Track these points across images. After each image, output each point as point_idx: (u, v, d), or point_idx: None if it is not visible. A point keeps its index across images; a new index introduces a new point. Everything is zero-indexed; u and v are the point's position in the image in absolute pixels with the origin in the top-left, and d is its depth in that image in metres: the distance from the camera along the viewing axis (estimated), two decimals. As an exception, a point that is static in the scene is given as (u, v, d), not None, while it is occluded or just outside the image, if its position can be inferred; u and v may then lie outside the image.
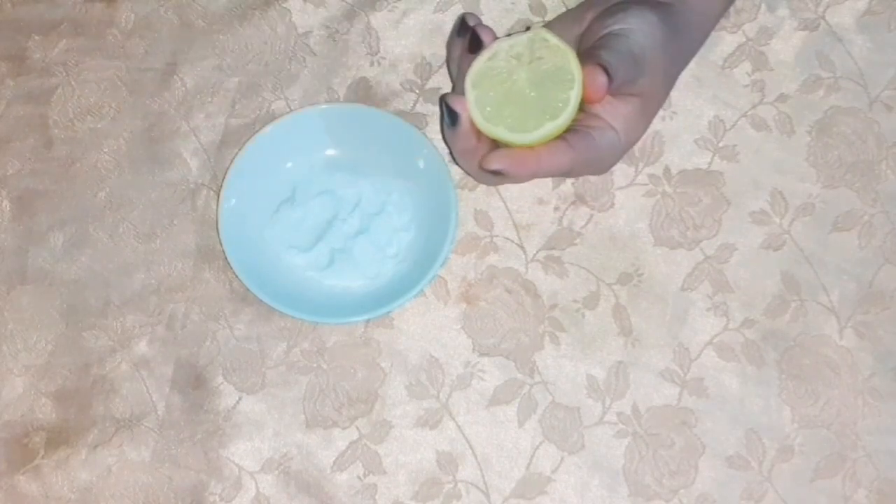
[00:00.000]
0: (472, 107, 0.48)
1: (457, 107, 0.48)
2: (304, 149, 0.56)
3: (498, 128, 0.48)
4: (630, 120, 0.50)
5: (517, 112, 0.48)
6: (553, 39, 0.48)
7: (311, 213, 0.56)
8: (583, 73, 0.47)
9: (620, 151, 0.51)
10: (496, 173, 0.48)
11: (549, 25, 0.53)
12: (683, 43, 0.52)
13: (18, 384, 0.56)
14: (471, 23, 0.49)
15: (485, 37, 0.49)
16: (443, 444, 0.54)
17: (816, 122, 0.57)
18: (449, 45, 0.54)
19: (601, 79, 0.46)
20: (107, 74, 0.59)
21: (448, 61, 0.53)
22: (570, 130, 0.49)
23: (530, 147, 0.48)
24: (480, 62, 0.48)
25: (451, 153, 0.52)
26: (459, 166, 0.53)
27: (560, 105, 0.47)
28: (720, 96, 0.57)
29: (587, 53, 0.48)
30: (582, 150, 0.49)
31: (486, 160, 0.48)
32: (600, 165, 0.52)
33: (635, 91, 0.49)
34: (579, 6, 0.53)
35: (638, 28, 0.49)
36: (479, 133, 0.49)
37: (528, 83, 0.48)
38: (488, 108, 0.48)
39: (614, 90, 0.47)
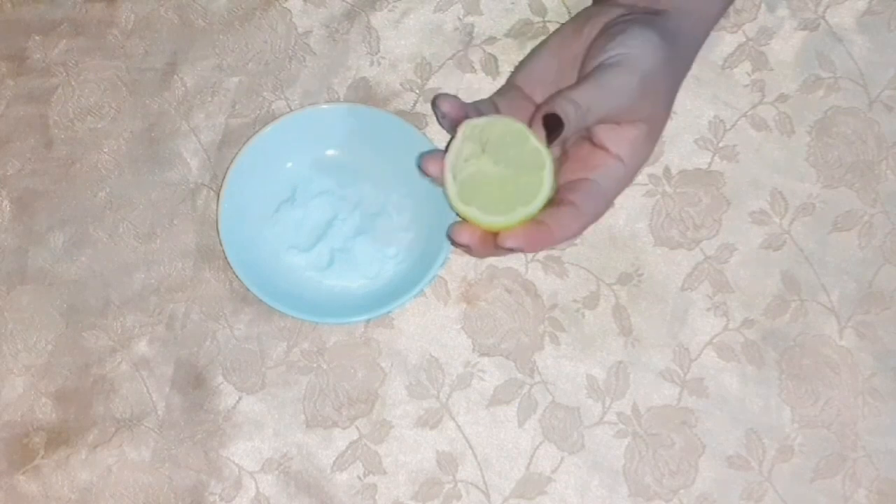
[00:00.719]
0: (453, 195, 0.47)
1: (461, 238, 0.48)
2: (304, 149, 0.56)
3: (470, 208, 0.46)
4: (636, 146, 0.49)
5: (491, 195, 0.47)
6: (514, 125, 0.47)
7: (311, 213, 0.56)
8: (531, 126, 0.46)
9: (627, 180, 0.50)
10: (509, 250, 0.47)
11: (547, 40, 0.52)
12: (683, 53, 0.51)
13: (18, 384, 0.56)
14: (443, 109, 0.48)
15: (451, 111, 0.47)
16: (443, 444, 0.54)
17: (816, 122, 0.57)
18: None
19: (541, 134, 0.46)
20: (107, 74, 0.59)
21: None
22: (573, 189, 0.48)
23: (510, 227, 0.47)
24: (454, 146, 0.47)
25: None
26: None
27: (532, 190, 0.46)
28: (720, 96, 0.57)
29: (562, 92, 0.47)
30: (590, 206, 0.48)
31: (502, 239, 0.47)
32: (611, 203, 0.50)
33: (639, 117, 0.49)
34: (577, 18, 0.52)
35: (640, 53, 0.47)
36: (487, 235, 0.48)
37: (496, 166, 0.47)
38: (463, 191, 0.47)
39: (616, 119, 0.47)
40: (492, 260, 0.56)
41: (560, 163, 0.50)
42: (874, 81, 0.57)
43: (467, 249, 0.48)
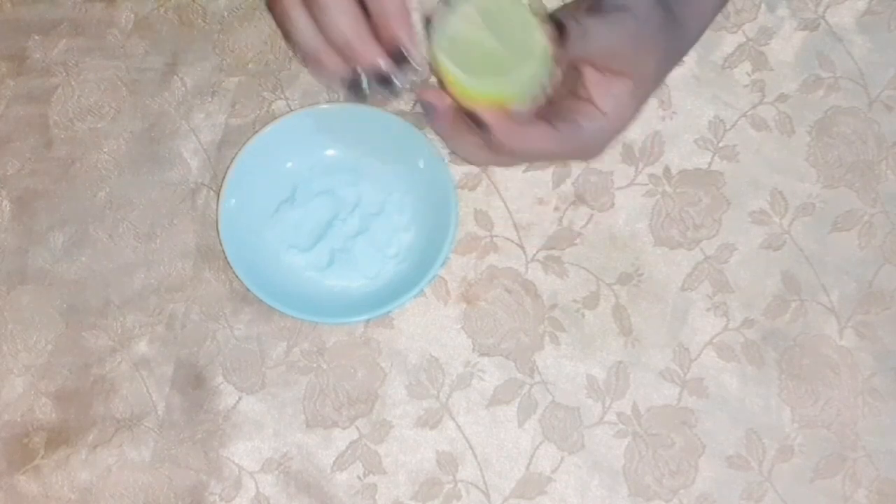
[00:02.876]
0: (448, 66, 0.45)
1: (433, 99, 0.47)
2: (304, 149, 0.56)
3: (449, 63, 0.45)
4: (621, 102, 0.49)
5: (474, 59, 0.45)
6: (524, 11, 0.45)
7: (311, 213, 0.56)
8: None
9: (609, 137, 0.49)
10: (484, 130, 0.46)
11: None
12: (681, 32, 0.51)
13: (18, 384, 0.56)
14: None
15: None
16: (443, 444, 0.54)
17: (816, 122, 0.57)
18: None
19: (552, 32, 0.45)
20: (107, 74, 0.59)
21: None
22: (558, 115, 0.48)
23: (481, 99, 0.46)
24: (444, 23, 0.45)
25: (448, 148, 0.51)
26: (456, 153, 0.51)
27: (521, 68, 0.45)
28: (720, 96, 0.57)
29: (568, 10, 0.46)
30: (568, 136, 0.48)
31: (477, 113, 0.46)
32: (588, 152, 0.50)
33: (627, 69, 0.48)
34: None
35: (636, 4, 0.47)
36: (461, 109, 0.47)
37: (488, 34, 0.45)
38: (464, 65, 0.45)
39: (605, 63, 0.47)
40: (492, 260, 0.56)
41: (545, 107, 0.49)
42: (874, 81, 0.57)
43: (432, 116, 0.47)
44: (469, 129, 0.47)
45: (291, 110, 0.58)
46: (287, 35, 0.47)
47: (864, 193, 0.56)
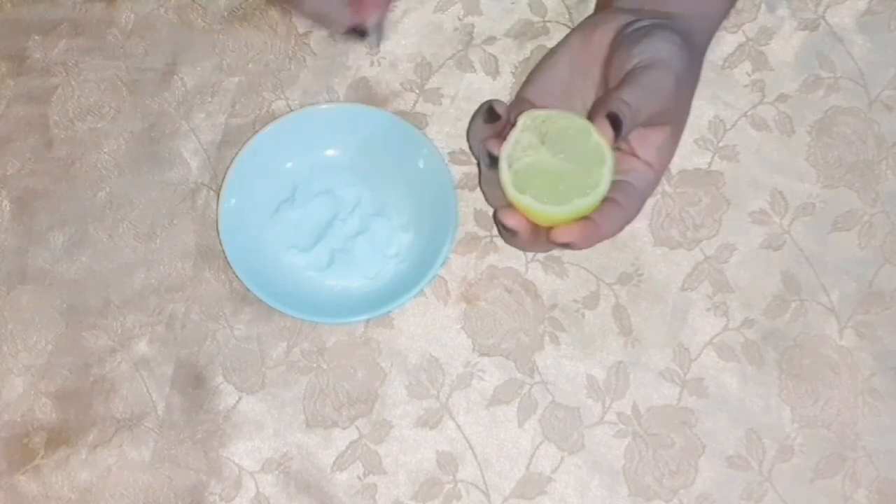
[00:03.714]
0: (507, 182, 0.47)
1: (509, 221, 0.48)
2: (304, 149, 0.56)
3: (524, 196, 0.46)
4: (663, 149, 0.50)
5: (547, 185, 0.47)
6: (578, 120, 0.47)
7: (311, 213, 0.56)
8: (594, 124, 0.46)
9: (656, 183, 0.51)
10: (564, 245, 0.47)
11: (555, 51, 0.52)
12: (698, 56, 0.52)
13: (18, 384, 0.56)
14: (499, 111, 0.49)
15: (502, 111, 0.48)
16: (443, 444, 0.54)
17: (816, 122, 0.57)
18: (473, 129, 0.51)
19: (609, 132, 0.46)
20: (107, 74, 0.59)
21: (471, 143, 0.52)
22: (615, 189, 0.48)
23: (563, 219, 0.47)
24: (513, 134, 0.47)
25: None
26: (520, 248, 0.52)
27: (592, 182, 0.46)
28: (720, 96, 0.57)
29: (611, 93, 0.47)
30: (632, 206, 0.49)
31: (556, 234, 0.47)
32: (643, 205, 0.51)
33: (670, 119, 0.49)
34: (583, 27, 0.52)
35: (669, 55, 0.48)
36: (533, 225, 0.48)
37: (555, 158, 0.47)
38: (518, 179, 0.47)
39: (653, 121, 0.48)
40: (492, 260, 0.56)
41: None
42: (874, 81, 0.57)
43: (513, 237, 0.48)
44: (549, 244, 0.48)
45: (291, 110, 0.58)
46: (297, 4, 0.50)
47: (864, 193, 0.56)
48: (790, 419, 0.54)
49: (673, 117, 0.50)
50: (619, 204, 0.48)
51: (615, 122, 0.46)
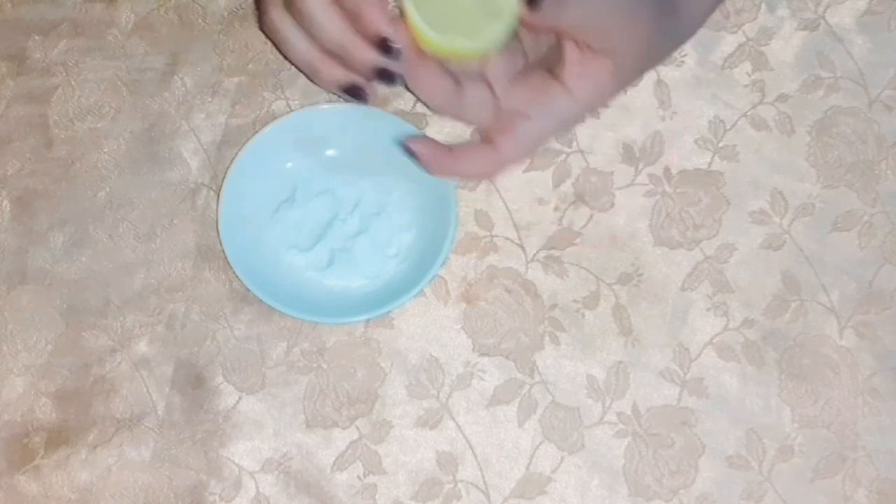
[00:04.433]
0: (417, 21, 0.45)
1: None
2: (304, 149, 0.56)
3: (448, 37, 0.45)
4: (597, 81, 0.46)
5: (440, 13, 0.45)
6: None
7: (311, 213, 0.56)
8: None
9: (573, 119, 0.48)
10: (408, 150, 0.47)
11: None
12: (676, 16, 0.49)
13: (18, 384, 0.56)
14: None
15: None
16: (443, 444, 0.54)
17: (816, 122, 0.57)
18: None
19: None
20: (107, 74, 0.59)
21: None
22: (501, 129, 0.46)
23: (442, 51, 0.46)
24: None
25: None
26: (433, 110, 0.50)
27: (482, 31, 0.45)
28: (720, 96, 0.57)
29: None
30: (512, 152, 0.47)
31: (411, 142, 0.47)
32: (536, 145, 0.48)
33: (610, 47, 0.46)
34: None
35: None
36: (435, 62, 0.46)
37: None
38: (435, 23, 0.45)
39: (587, 36, 0.45)
40: (492, 260, 0.56)
41: (511, 85, 0.48)
42: (874, 81, 0.57)
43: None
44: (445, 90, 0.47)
45: (291, 110, 0.58)
46: (282, 51, 0.48)
47: (864, 193, 0.56)
48: (790, 419, 0.54)
49: (616, 47, 0.46)
50: (495, 145, 0.46)
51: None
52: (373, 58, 0.46)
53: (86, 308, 0.56)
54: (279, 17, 0.48)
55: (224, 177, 0.55)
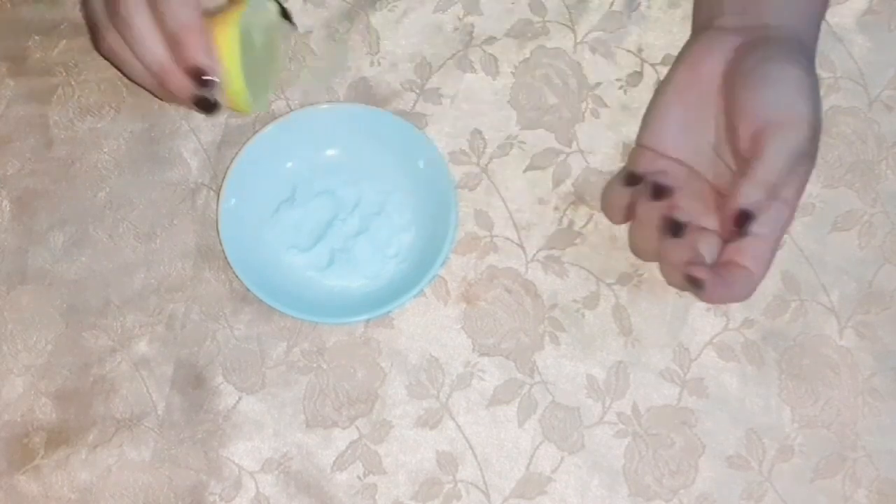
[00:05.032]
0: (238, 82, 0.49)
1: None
2: (304, 149, 0.56)
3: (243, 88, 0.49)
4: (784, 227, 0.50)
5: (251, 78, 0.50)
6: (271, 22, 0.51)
7: (311, 213, 0.56)
8: (722, 217, 0.48)
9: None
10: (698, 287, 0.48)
11: (663, 90, 0.52)
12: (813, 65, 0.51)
13: (18, 384, 0.56)
14: (641, 171, 0.49)
15: (668, 182, 0.48)
16: (443, 444, 0.54)
17: (816, 122, 0.57)
18: (611, 192, 0.52)
19: (732, 233, 0.47)
20: (107, 74, 0.59)
21: (605, 206, 0.53)
22: (738, 253, 0.49)
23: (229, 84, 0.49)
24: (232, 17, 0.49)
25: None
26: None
27: (272, 81, 0.51)
28: (720, 96, 0.57)
29: (759, 164, 0.46)
30: (761, 270, 0.49)
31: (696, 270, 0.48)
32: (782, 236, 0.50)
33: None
34: (688, 57, 0.51)
35: (802, 101, 0.47)
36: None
37: (258, 53, 0.50)
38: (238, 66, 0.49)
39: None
40: (492, 260, 0.56)
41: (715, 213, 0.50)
42: (874, 81, 0.57)
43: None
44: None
45: (291, 110, 0.58)
46: (123, 72, 0.52)
47: (863, 193, 0.56)
48: (790, 419, 0.54)
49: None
50: (752, 247, 0.49)
51: (744, 219, 0.46)
52: (188, 87, 0.48)
53: (86, 308, 0.56)
54: (114, 41, 0.50)
55: (224, 177, 0.55)
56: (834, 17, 0.58)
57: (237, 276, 0.54)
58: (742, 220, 0.46)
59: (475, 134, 0.57)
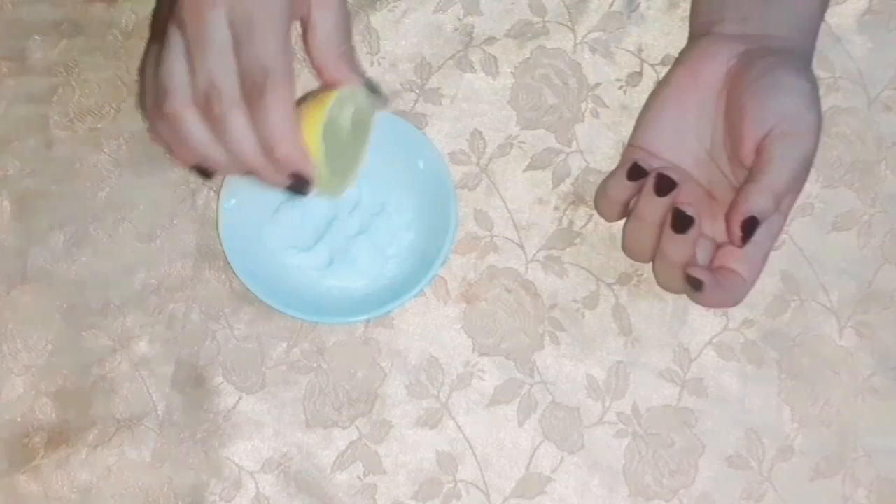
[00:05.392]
0: (327, 177, 0.48)
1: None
2: (304, 149, 0.56)
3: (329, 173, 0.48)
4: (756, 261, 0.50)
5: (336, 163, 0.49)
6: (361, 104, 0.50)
7: (311, 213, 0.56)
8: (726, 226, 0.48)
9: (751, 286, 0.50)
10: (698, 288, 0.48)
11: (660, 93, 0.52)
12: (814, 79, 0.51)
13: (18, 384, 0.56)
14: (646, 167, 0.49)
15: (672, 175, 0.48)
16: (443, 444, 0.54)
17: (816, 122, 0.57)
18: (611, 185, 0.52)
19: (737, 238, 0.47)
20: (107, 74, 0.59)
21: (601, 201, 0.53)
22: (731, 258, 0.49)
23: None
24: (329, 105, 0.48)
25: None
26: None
27: (357, 163, 0.52)
28: (720, 96, 0.57)
29: (764, 172, 0.47)
30: (753, 275, 0.50)
31: (695, 271, 0.48)
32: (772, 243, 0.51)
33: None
34: (687, 62, 0.51)
35: (806, 113, 0.47)
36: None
37: (345, 137, 0.50)
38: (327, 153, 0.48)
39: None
40: (492, 260, 0.56)
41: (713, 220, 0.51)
42: (874, 81, 0.57)
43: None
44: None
45: (291, 110, 0.58)
46: (178, 144, 0.47)
47: (863, 193, 0.56)
48: (790, 419, 0.54)
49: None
50: (746, 253, 0.49)
51: (752, 225, 0.46)
52: (282, 182, 0.48)
53: (86, 308, 0.56)
54: (193, 124, 0.46)
55: (224, 177, 0.55)
56: (834, 17, 0.58)
57: (237, 276, 0.54)
58: (750, 227, 0.46)
59: (475, 134, 0.57)
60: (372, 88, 0.53)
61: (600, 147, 0.57)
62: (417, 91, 0.58)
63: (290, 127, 0.45)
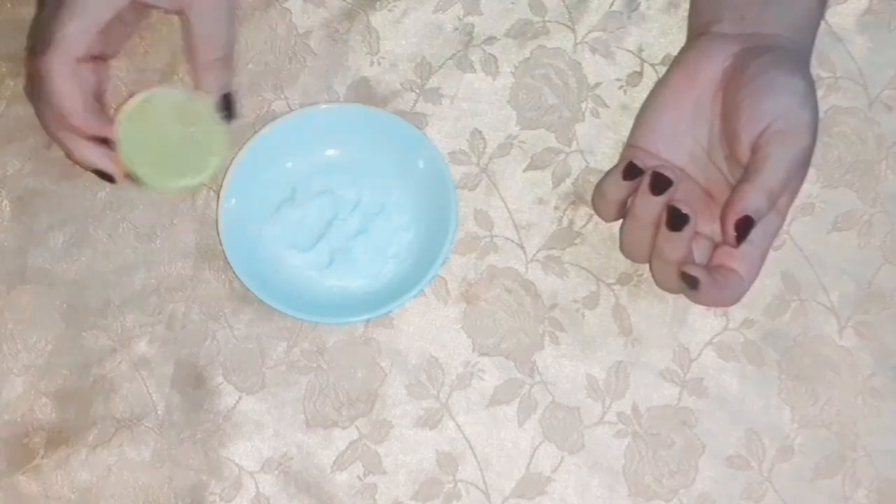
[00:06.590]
0: (123, 141, 0.51)
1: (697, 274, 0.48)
2: (304, 149, 0.56)
3: (140, 168, 0.52)
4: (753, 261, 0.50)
5: (159, 159, 0.53)
6: (206, 111, 0.53)
7: (311, 213, 0.56)
8: (721, 225, 0.48)
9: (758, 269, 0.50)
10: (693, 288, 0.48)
11: (658, 93, 0.52)
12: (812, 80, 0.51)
13: (18, 384, 0.56)
14: (641, 165, 0.49)
15: (669, 175, 0.48)
16: (443, 444, 0.54)
17: (816, 122, 0.57)
18: (607, 185, 0.51)
19: (732, 238, 0.47)
20: (107, 74, 0.59)
21: (598, 201, 0.52)
22: (730, 257, 0.49)
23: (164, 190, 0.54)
24: (137, 101, 0.52)
25: None
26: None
27: (202, 166, 0.53)
28: (720, 96, 0.57)
29: (758, 172, 0.47)
30: (751, 274, 0.50)
31: (691, 269, 0.48)
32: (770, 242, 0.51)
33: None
34: (684, 62, 0.51)
35: (801, 112, 0.47)
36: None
37: (178, 138, 0.53)
38: (136, 147, 0.52)
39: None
40: (492, 260, 0.56)
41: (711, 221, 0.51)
42: (874, 81, 0.57)
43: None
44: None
45: (291, 110, 0.58)
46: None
47: (863, 193, 0.56)
48: (790, 419, 0.54)
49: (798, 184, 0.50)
50: (744, 252, 0.49)
51: (747, 225, 0.46)
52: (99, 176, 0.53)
53: (86, 308, 0.56)
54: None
55: (224, 177, 0.55)
56: (834, 17, 0.58)
57: (237, 276, 0.54)
58: (744, 226, 0.46)
59: (475, 134, 0.57)
60: (225, 104, 0.54)
61: (600, 147, 0.57)
62: (417, 91, 0.58)
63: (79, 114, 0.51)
